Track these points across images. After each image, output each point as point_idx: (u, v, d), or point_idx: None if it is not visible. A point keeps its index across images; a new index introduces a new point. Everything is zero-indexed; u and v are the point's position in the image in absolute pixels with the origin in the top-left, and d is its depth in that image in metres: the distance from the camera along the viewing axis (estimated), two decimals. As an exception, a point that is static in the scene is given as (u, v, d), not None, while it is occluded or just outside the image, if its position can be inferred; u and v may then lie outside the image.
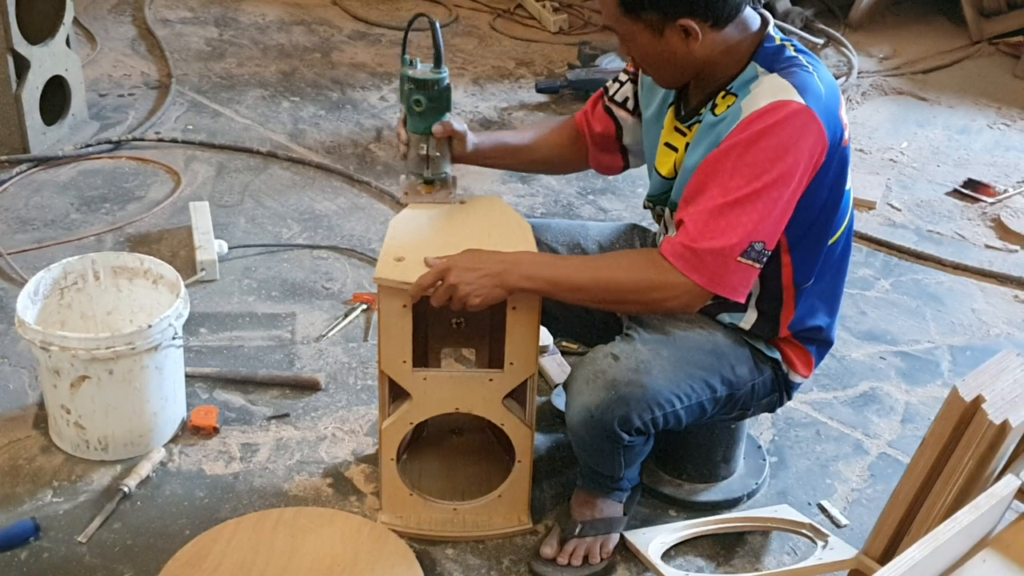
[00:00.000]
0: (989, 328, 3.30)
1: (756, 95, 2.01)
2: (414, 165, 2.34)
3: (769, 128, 1.97)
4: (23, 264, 3.23)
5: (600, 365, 2.13)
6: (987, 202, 4.02)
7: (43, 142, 3.86)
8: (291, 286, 3.25)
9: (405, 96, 2.27)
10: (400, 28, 5.29)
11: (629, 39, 2.08)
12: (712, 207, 2.00)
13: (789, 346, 2.28)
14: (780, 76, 2.02)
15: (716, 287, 2.03)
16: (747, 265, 2.02)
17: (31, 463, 2.55)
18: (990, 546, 1.85)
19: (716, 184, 2.00)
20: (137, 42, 4.93)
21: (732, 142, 2.00)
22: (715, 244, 1.99)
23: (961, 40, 5.55)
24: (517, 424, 2.32)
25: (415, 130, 2.29)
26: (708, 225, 2.00)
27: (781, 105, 1.97)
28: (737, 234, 1.99)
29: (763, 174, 1.97)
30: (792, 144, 1.97)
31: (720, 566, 2.39)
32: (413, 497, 2.42)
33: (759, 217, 1.99)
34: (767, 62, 2.05)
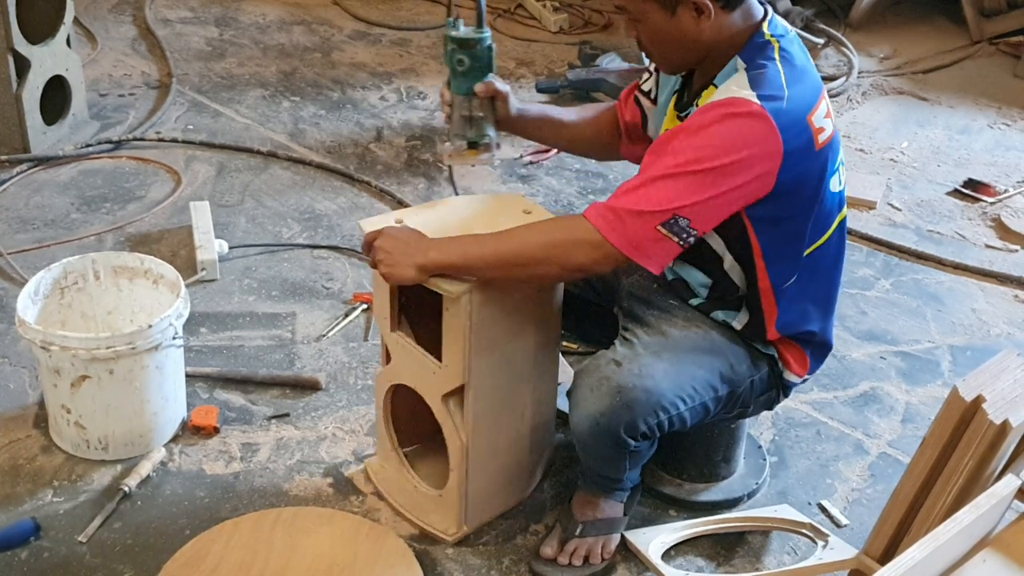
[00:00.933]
0: (989, 328, 3.30)
1: (729, 84, 2.04)
2: (458, 127, 2.33)
3: (721, 119, 1.98)
4: (24, 264, 3.23)
5: (604, 372, 2.12)
6: (987, 202, 4.02)
7: (44, 142, 3.86)
8: (291, 286, 3.25)
9: (448, 56, 2.27)
10: (400, 28, 5.29)
11: (640, 18, 2.08)
12: (645, 178, 2.01)
13: (783, 346, 2.29)
14: (747, 78, 2.02)
15: (631, 251, 2.01)
16: (665, 236, 2.00)
17: (31, 463, 2.55)
18: (990, 546, 1.85)
19: (657, 160, 2.02)
20: (137, 42, 4.93)
21: (677, 127, 2.03)
22: (636, 207, 1.99)
23: (961, 40, 5.55)
24: (451, 431, 2.28)
25: (458, 90, 2.29)
26: (636, 191, 2.01)
27: (734, 101, 1.98)
28: (660, 201, 1.98)
29: (703, 159, 1.97)
30: (741, 142, 1.97)
31: (720, 566, 2.39)
32: (394, 453, 2.47)
33: (688, 192, 1.98)
34: (748, 57, 2.07)
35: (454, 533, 2.39)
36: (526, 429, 2.40)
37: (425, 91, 4.60)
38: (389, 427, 2.48)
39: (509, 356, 2.27)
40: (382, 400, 2.44)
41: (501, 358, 2.25)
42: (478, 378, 2.22)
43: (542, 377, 2.38)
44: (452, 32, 2.26)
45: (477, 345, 2.17)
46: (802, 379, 2.35)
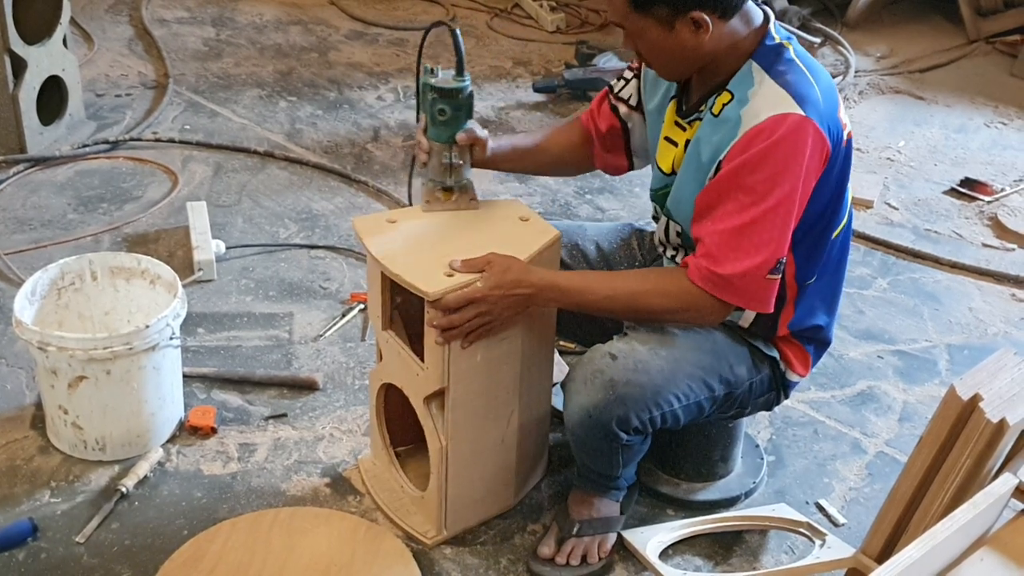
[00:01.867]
0: (986, 327, 3.30)
1: (755, 106, 2.02)
2: (436, 173, 2.31)
3: (773, 144, 1.98)
4: (20, 264, 3.22)
5: (598, 365, 2.13)
6: (984, 201, 4.02)
7: (40, 142, 3.86)
8: (288, 286, 3.25)
9: (428, 105, 2.24)
10: (397, 28, 5.29)
11: (637, 35, 2.08)
12: (730, 228, 2.02)
13: (787, 345, 2.29)
14: (777, 84, 2.02)
15: (749, 305, 2.10)
16: (773, 280, 2.06)
17: (29, 463, 2.55)
18: (988, 544, 1.85)
19: (729, 202, 2.02)
20: (134, 42, 4.93)
21: (739, 162, 2.00)
22: (741, 267, 2.02)
23: (958, 39, 5.55)
24: (432, 433, 2.27)
25: (439, 139, 2.27)
26: (730, 247, 2.03)
27: (781, 119, 1.98)
28: (762, 254, 2.02)
29: (774, 189, 1.99)
30: (796, 157, 1.99)
31: (718, 565, 2.39)
32: (387, 451, 2.48)
33: (779, 234, 2.02)
34: (764, 61, 2.06)
35: (433, 536, 2.38)
36: (513, 436, 2.38)
37: (422, 91, 4.59)
38: (381, 425, 2.48)
39: (493, 361, 2.24)
40: (375, 398, 2.44)
41: (484, 363, 2.22)
42: (458, 382, 2.20)
43: (531, 383, 2.36)
44: (431, 80, 2.23)
45: (456, 349, 2.16)
46: (803, 378, 2.35)
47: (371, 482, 2.51)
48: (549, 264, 2.26)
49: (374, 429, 2.50)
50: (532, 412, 2.41)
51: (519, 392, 2.32)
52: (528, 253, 2.18)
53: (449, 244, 2.22)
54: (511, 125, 4.36)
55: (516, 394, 2.31)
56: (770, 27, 2.09)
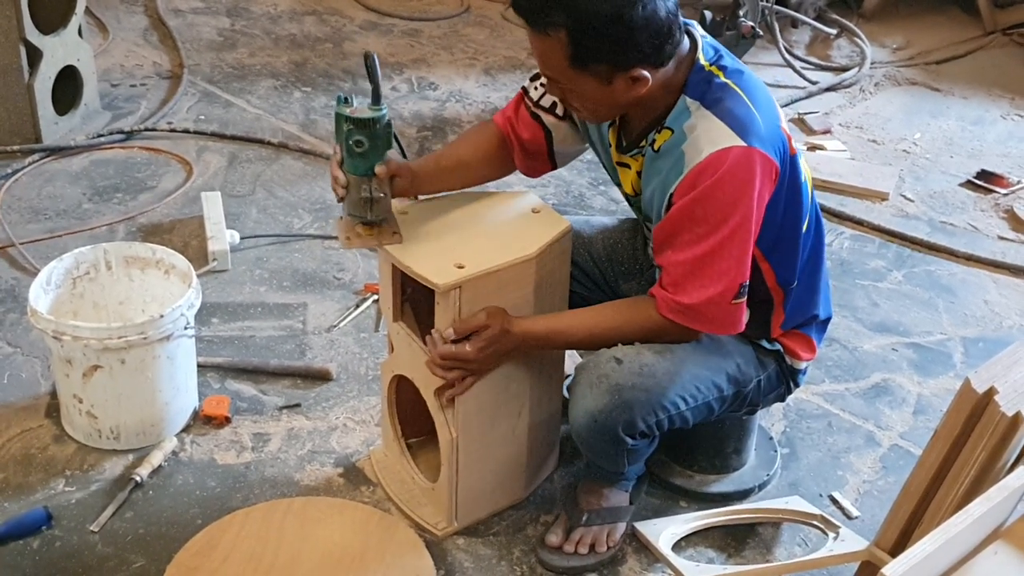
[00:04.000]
0: (1002, 320, 3.29)
1: (695, 141, 2.00)
2: (355, 208, 2.19)
3: (719, 180, 1.97)
4: (36, 254, 3.23)
5: (603, 369, 2.12)
6: (1000, 193, 4.01)
7: (55, 132, 3.87)
8: (302, 276, 3.25)
9: (343, 137, 2.12)
10: (412, 18, 5.29)
11: (570, 89, 2.05)
12: (689, 258, 2.03)
13: (788, 336, 2.30)
14: (713, 115, 2.00)
15: (718, 330, 2.13)
16: (738, 303, 2.07)
17: (43, 452, 2.56)
18: (1002, 538, 1.85)
19: (684, 233, 2.03)
20: (149, 32, 4.93)
21: (689, 199, 2.00)
22: (705, 295, 2.03)
23: (975, 30, 5.52)
24: (443, 425, 2.27)
25: (356, 172, 2.15)
26: (691, 276, 2.04)
27: (723, 154, 1.97)
28: (723, 282, 2.03)
29: (728, 219, 1.99)
30: (745, 188, 1.99)
31: (731, 557, 2.39)
32: (396, 443, 2.48)
33: (737, 262, 2.03)
34: (696, 92, 2.04)
35: (444, 528, 2.39)
36: (524, 428, 2.38)
37: (436, 82, 4.59)
38: (393, 416, 2.48)
39: None
40: (386, 389, 2.44)
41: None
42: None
43: (542, 375, 2.36)
44: (346, 110, 2.11)
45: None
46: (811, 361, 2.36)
47: (382, 473, 2.52)
48: (561, 255, 2.26)
49: (385, 420, 2.51)
50: (544, 404, 2.41)
51: (530, 384, 2.32)
52: (539, 245, 2.18)
53: (460, 235, 2.22)
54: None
55: (527, 386, 2.31)
56: (697, 54, 2.06)
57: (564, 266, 2.29)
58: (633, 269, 2.46)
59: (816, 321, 2.32)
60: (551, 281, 2.25)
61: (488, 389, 2.25)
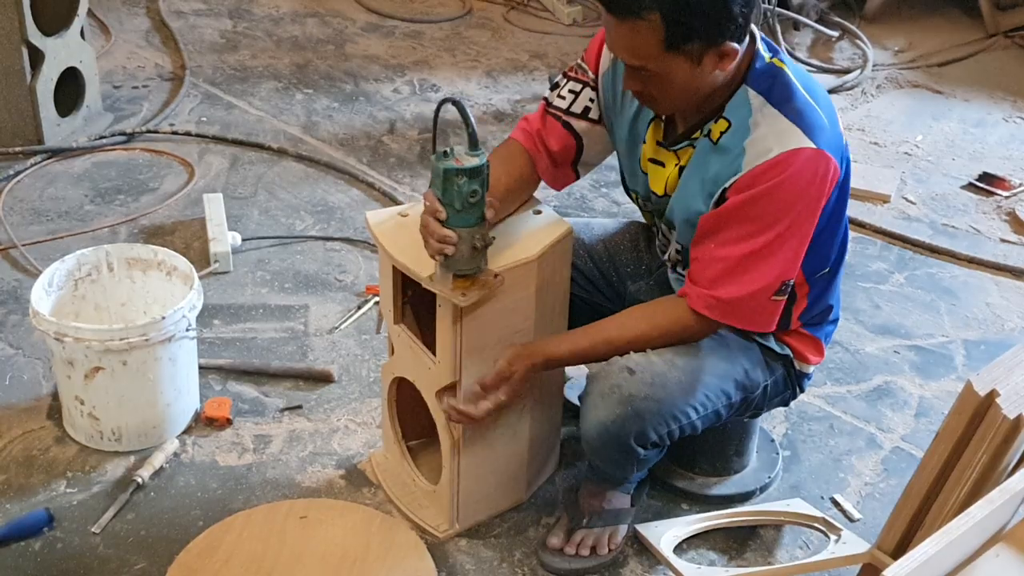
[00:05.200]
0: (1004, 322, 3.29)
1: (761, 137, 1.97)
2: (465, 263, 2.05)
3: (783, 181, 1.95)
4: (37, 255, 3.24)
5: (615, 379, 2.11)
6: (1002, 196, 4.00)
7: (57, 134, 3.87)
8: (304, 278, 3.25)
9: (457, 192, 1.98)
10: (414, 20, 5.28)
11: (659, 75, 1.96)
12: (734, 255, 2.00)
13: (798, 338, 2.28)
14: (781, 114, 1.98)
15: (752, 326, 2.09)
16: (778, 301, 2.05)
17: (45, 453, 2.56)
18: (1003, 541, 1.85)
19: (733, 229, 2.00)
20: (151, 34, 4.93)
21: (749, 195, 1.97)
22: (745, 291, 2.01)
23: (977, 33, 5.52)
24: (444, 427, 2.27)
25: (469, 223, 2.01)
26: (733, 275, 2.01)
27: (793, 155, 1.95)
28: (767, 279, 2.01)
29: (784, 218, 1.98)
30: (810, 190, 1.98)
31: (732, 560, 2.39)
32: (397, 445, 2.49)
33: (790, 259, 2.02)
34: (760, 86, 2.01)
35: (445, 530, 2.39)
36: (525, 429, 2.37)
37: (438, 84, 4.59)
38: (393, 419, 2.48)
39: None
40: (387, 391, 2.44)
41: (497, 357, 2.21)
42: (470, 377, 2.19)
43: (544, 378, 2.35)
44: (454, 164, 1.96)
45: (468, 344, 2.15)
46: (819, 364, 2.35)
47: (383, 475, 2.52)
48: (562, 257, 2.26)
49: (386, 422, 2.51)
50: (544, 406, 2.41)
51: (531, 387, 2.32)
52: (540, 247, 2.17)
53: None
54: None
55: (528, 389, 2.31)
56: (758, 46, 2.04)
57: (565, 268, 2.29)
58: (639, 270, 2.46)
59: (830, 315, 2.30)
60: (552, 283, 2.25)
61: None
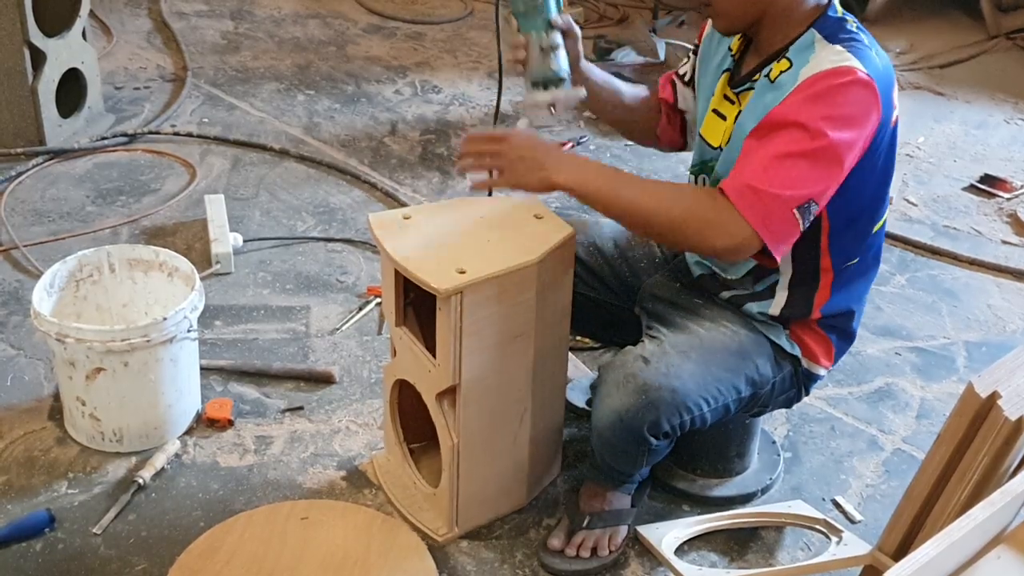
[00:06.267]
0: (1005, 324, 3.28)
1: (817, 61, 1.98)
2: (538, 68, 2.17)
3: (838, 88, 1.93)
4: (39, 256, 3.24)
5: (630, 369, 2.11)
6: (1004, 197, 4.00)
7: (59, 134, 3.87)
8: (305, 279, 3.25)
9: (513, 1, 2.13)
10: (415, 21, 5.29)
11: None
12: (777, 153, 1.95)
13: (812, 336, 2.27)
14: (839, 47, 1.99)
15: (767, 236, 1.96)
16: (796, 220, 1.97)
17: (46, 454, 2.56)
18: (1005, 542, 1.84)
19: (780, 135, 1.95)
20: (153, 35, 4.94)
21: (802, 96, 1.95)
22: (778, 191, 1.94)
23: (978, 35, 5.52)
24: (444, 430, 2.25)
25: (533, 27, 2.15)
26: (774, 170, 1.94)
27: (847, 70, 1.94)
28: (800, 187, 1.94)
29: (831, 131, 1.93)
30: (858, 109, 1.95)
31: (734, 561, 2.39)
32: (399, 447, 2.48)
33: (823, 175, 1.95)
34: (827, 31, 2.02)
35: (444, 534, 2.38)
36: (526, 434, 2.37)
37: (440, 85, 4.60)
38: (395, 421, 2.48)
39: (506, 358, 2.23)
40: (389, 393, 2.44)
41: (497, 360, 2.21)
42: (470, 380, 2.19)
43: (545, 380, 2.35)
44: None
45: (468, 346, 2.14)
46: (827, 371, 2.34)
47: (384, 478, 2.52)
48: (564, 261, 2.26)
49: (388, 425, 2.51)
50: (546, 410, 2.40)
51: (532, 390, 2.31)
52: (541, 251, 2.17)
53: (462, 240, 2.22)
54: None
55: (529, 392, 2.31)
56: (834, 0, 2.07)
57: (567, 272, 2.29)
58: (652, 264, 2.45)
59: (848, 323, 2.28)
60: (553, 287, 2.24)
61: (489, 393, 2.25)
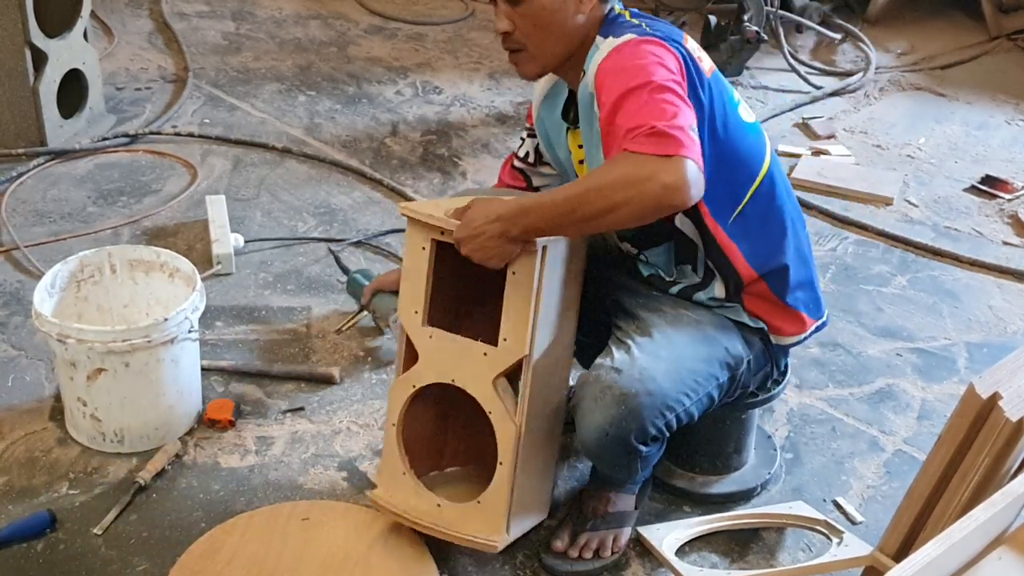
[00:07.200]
0: (1006, 325, 3.28)
1: (600, 53, 2.11)
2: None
3: (628, 54, 2.06)
4: (40, 257, 3.24)
5: (605, 381, 2.10)
6: (1005, 198, 4.00)
7: (60, 135, 3.88)
8: (306, 280, 3.25)
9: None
10: (416, 22, 5.29)
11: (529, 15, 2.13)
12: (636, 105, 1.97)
13: (767, 307, 2.29)
14: (612, 36, 2.12)
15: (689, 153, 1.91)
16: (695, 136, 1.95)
17: (47, 455, 2.56)
18: (1006, 544, 1.84)
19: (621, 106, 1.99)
20: (154, 35, 4.94)
21: (608, 81, 2.05)
22: (667, 117, 1.93)
23: (979, 36, 5.52)
24: (503, 416, 2.16)
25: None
26: (648, 111, 1.95)
27: (624, 43, 2.09)
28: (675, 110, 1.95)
29: (653, 77, 2.00)
30: (649, 46, 2.07)
31: (735, 562, 2.39)
32: (406, 477, 2.30)
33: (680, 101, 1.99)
34: (605, 31, 2.16)
35: (499, 539, 2.21)
36: (560, 427, 2.34)
37: (441, 86, 4.60)
38: (401, 447, 2.30)
39: (560, 335, 2.21)
40: (398, 413, 2.28)
41: (555, 336, 2.18)
42: (539, 351, 2.14)
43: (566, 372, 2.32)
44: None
45: (541, 313, 2.11)
46: (805, 335, 2.35)
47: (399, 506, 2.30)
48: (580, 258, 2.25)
49: (392, 455, 2.31)
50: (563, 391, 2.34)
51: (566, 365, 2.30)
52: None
53: None
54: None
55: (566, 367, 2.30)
56: (613, 3, 2.20)
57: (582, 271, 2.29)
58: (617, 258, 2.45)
59: (787, 277, 2.28)
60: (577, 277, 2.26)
61: (547, 374, 2.20)
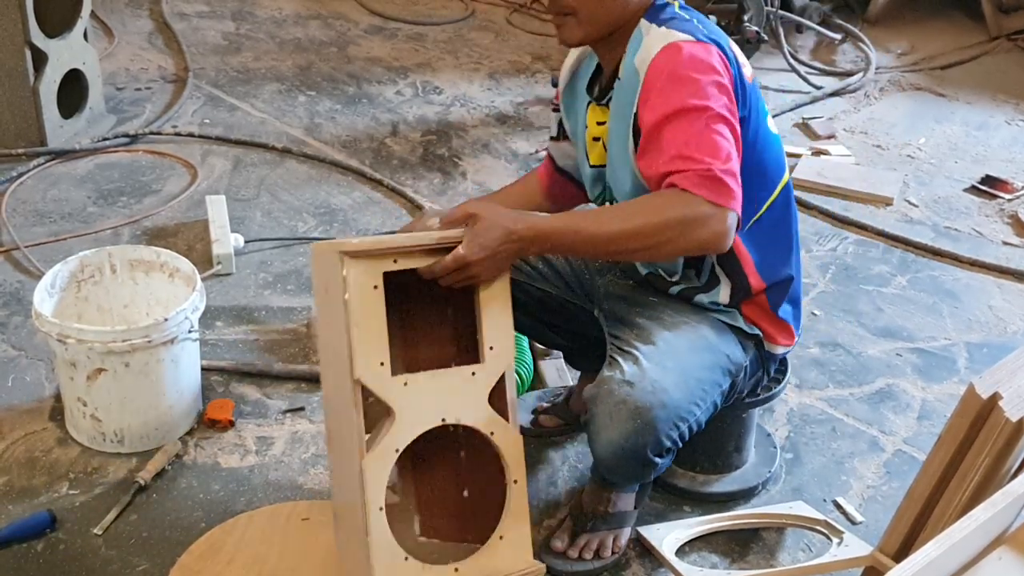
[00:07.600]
0: (1006, 325, 3.28)
1: (646, 47, 2.08)
2: None
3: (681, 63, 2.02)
4: (40, 257, 3.24)
5: (618, 395, 2.08)
6: (1005, 199, 4.00)
7: (60, 135, 3.88)
8: (307, 279, 3.25)
9: None
10: (416, 22, 5.30)
11: None
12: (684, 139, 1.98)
13: (765, 317, 2.30)
14: (662, 28, 2.09)
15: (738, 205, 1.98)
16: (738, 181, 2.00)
17: (47, 455, 2.56)
18: (1006, 544, 1.84)
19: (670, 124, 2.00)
20: (154, 36, 4.94)
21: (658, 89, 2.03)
22: (720, 160, 1.96)
23: (980, 36, 5.52)
24: (506, 429, 2.03)
25: None
26: (707, 142, 1.97)
27: (674, 47, 2.04)
28: (724, 149, 1.98)
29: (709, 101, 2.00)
30: (705, 63, 2.04)
31: (735, 562, 2.39)
32: (409, 562, 1.96)
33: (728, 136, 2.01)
34: (651, 17, 2.13)
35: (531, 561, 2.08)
36: None
37: (441, 86, 4.60)
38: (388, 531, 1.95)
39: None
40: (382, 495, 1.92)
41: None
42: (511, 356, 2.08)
43: None
44: None
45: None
46: (790, 349, 2.38)
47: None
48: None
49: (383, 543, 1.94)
50: None
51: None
52: None
53: None
54: (529, 120, 4.35)
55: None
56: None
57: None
58: (605, 264, 2.45)
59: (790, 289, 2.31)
60: None
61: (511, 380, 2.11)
